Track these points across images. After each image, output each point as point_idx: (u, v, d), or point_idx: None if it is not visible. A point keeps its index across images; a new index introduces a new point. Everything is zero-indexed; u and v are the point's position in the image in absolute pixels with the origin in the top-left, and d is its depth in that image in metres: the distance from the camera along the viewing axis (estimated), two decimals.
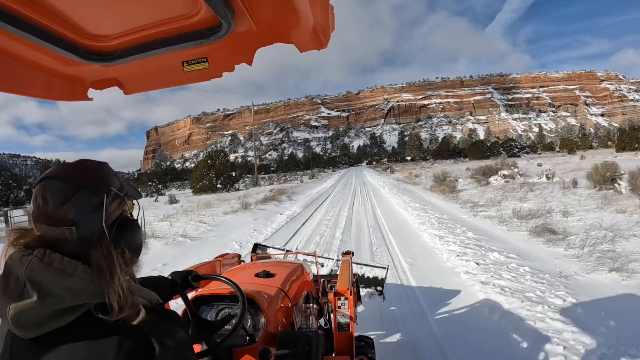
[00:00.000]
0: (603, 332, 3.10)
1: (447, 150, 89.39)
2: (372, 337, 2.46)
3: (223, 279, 1.41)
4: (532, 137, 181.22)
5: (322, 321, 2.31)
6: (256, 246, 3.85)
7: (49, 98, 1.12)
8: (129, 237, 0.73)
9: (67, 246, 0.67)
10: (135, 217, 0.79)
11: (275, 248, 3.85)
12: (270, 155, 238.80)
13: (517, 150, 71.29)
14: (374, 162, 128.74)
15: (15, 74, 1.02)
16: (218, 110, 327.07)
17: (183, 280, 1.30)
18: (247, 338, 1.50)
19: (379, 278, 3.46)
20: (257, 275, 1.91)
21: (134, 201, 0.80)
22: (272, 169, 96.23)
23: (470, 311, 3.77)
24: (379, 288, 3.44)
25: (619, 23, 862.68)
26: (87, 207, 0.68)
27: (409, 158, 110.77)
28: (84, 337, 0.64)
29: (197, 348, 1.32)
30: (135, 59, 1.04)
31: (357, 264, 3.46)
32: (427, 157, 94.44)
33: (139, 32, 0.98)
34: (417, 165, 57.87)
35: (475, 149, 77.57)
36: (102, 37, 1.00)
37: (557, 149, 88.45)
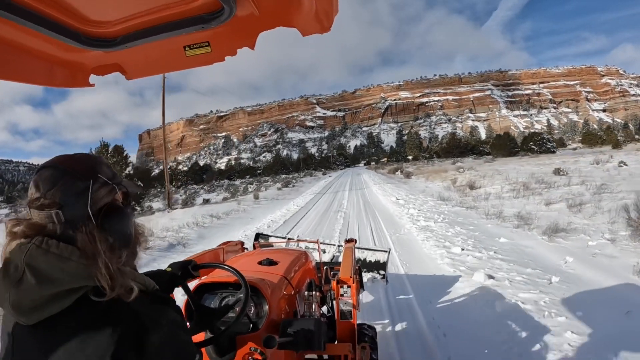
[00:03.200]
0: None
1: (457, 147, 77.52)
2: (374, 326, 2.41)
3: (226, 267, 1.43)
4: None
5: (324, 308, 2.29)
6: (258, 235, 3.90)
7: (51, 85, 1.12)
8: (115, 223, 0.75)
9: (57, 231, 0.71)
10: (127, 207, 0.82)
11: (278, 236, 3.94)
12: (264, 157, 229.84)
13: (550, 145, 59.71)
14: (372, 163, 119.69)
15: (17, 61, 1.02)
16: (211, 111, 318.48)
17: (183, 271, 1.33)
18: (251, 325, 1.50)
19: (381, 262, 3.63)
20: (260, 263, 1.91)
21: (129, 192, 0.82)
22: (258, 171, 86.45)
23: None
24: (381, 272, 3.63)
25: (617, 19, 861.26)
26: (72, 191, 0.71)
27: (410, 157, 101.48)
28: (80, 319, 0.67)
29: (201, 336, 1.34)
30: (136, 45, 1.03)
31: (358, 248, 3.51)
32: (433, 156, 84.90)
33: (140, 17, 0.98)
34: (434, 166, 40.09)
35: (500, 144, 63.89)
36: (103, 23, 1.00)
37: (580, 144, 79.17)
